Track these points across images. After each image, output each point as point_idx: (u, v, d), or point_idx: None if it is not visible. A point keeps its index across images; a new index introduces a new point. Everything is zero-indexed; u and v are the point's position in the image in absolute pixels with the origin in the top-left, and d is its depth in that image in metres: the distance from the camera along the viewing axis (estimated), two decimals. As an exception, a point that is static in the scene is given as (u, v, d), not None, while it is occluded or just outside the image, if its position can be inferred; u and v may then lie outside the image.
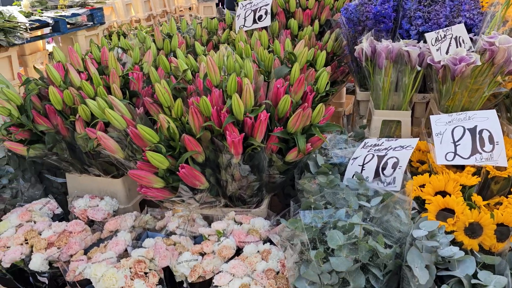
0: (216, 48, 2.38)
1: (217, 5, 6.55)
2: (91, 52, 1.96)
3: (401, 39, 1.86)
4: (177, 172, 1.35)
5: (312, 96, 1.59)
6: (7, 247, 1.40)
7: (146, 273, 1.25)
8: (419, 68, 1.74)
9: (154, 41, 2.28)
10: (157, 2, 5.18)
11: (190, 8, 6.07)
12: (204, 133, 1.39)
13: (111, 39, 3.94)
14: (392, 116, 1.84)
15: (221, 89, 1.48)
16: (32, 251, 1.39)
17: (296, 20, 2.48)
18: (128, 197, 1.81)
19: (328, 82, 1.70)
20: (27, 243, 1.41)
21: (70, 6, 3.92)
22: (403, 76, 1.81)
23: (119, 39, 2.29)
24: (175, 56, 1.98)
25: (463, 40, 1.70)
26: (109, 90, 1.68)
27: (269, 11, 2.35)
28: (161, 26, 3.58)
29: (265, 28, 2.42)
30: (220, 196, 1.56)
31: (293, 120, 1.42)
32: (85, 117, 1.57)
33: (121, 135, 1.49)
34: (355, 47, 1.96)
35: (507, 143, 1.57)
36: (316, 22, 2.47)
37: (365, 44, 1.86)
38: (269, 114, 1.41)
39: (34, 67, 1.86)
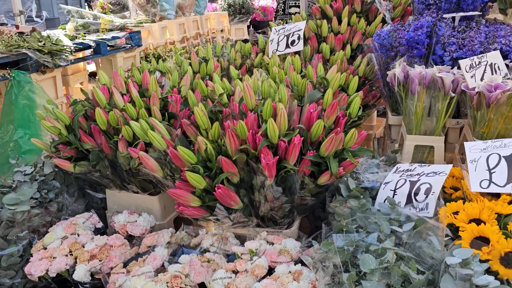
0: (249, 71, 2.46)
1: (248, 27, 6.73)
2: (132, 75, 2.07)
3: (434, 65, 1.88)
4: (214, 192, 1.41)
5: (345, 120, 1.62)
6: (54, 258, 1.48)
7: (182, 288, 1.30)
8: (453, 94, 1.75)
9: (190, 64, 2.38)
10: (190, 24, 5.37)
11: (222, 30, 6.24)
12: (240, 155, 1.44)
13: (147, 60, 4.11)
14: (425, 142, 1.84)
15: (256, 113, 1.54)
16: (76, 262, 1.47)
17: (328, 44, 2.53)
18: (163, 214, 1.88)
19: (360, 107, 1.74)
20: (72, 254, 1.49)
21: (111, 30, 4.14)
22: (436, 101, 1.82)
23: (157, 61, 2.40)
24: (211, 80, 2.07)
25: (498, 67, 1.70)
26: (149, 111, 1.77)
27: (301, 36, 2.41)
28: (194, 47, 3.71)
29: (298, 52, 2.48)
30: (253, 216, 1.60)
31: (326, 144, 1.46)
32: (127, 137, 1.66)
33: (161, 155, 1.56)
34: (387, 72, 1.98)
35: (544, 171, 1.54)
36: (348, 46, 2.51)
37: (397, 69, 1.88)
38: (302, 138, 1.45)
39: (81, 90, 1.98)
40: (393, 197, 1.52)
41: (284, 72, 2.09)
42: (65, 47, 2.98)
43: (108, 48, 3.69)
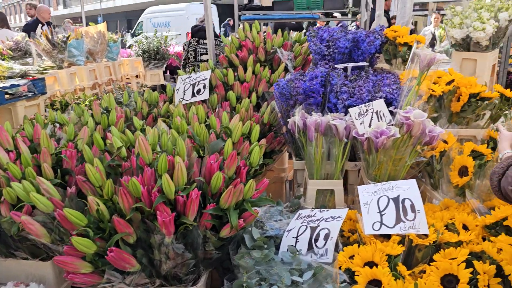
0: (156, 121, 2.42)
1: (165, 72, 6.71)
2: (23, 129, 1.92)
3: (329, 112, 1.99)
4: (105, 256, 1.31)
5: (246, 170, 1.63)
6: None
7: None
8: (346, 140, 1.85)
9: (92, 115, 2.28)
10: (102, 70, 5.22)
11: (137, 76, 6.15)
12: (134, 214, 1.37)
13: (53, 108, 3.87)
14: (325, 186, 1.91)
15: (153, 168, 1.49)
16: None
17: (234, 92, 2.59)
18: (58, 281, 1.71)
19: (262, 156, 1.76)
20: None
21: (10, 77, 3.87)
22: (333, 147, 1.91)
23: (62, 109, 2.26)
24: (113, 131, 1.99)
25: (383, 114, 1.84)
26: (40, 168, 1.64)
27: (207, 85, 2.44)
28: (107, 93, 3.60)
29: (204, 101, 2.50)
30: (155, 276, 1.51)
31: (225, 197, 1.45)
32: (10, 200, 1.51)
33: (48, 218, 1.44)
34: (288, 119, 2.06)
35: (429, 209, 1.67)
36: (254, 94, 2.59)
37: (297, 117, 1.96)
38: (200, 192, 1.42)
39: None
40: (295, 244, 1.53)
41: (188, 122, 2.08)
42: (-49, 98, 2.70)
43: (6, 96, 3.43)
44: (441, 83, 2.09)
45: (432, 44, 8.15)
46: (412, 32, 2.84)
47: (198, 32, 5.21)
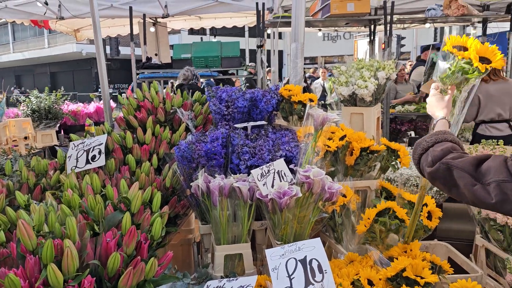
0: (45, 193, 2.18)
1: (58, 132, 6.25)
2: None
3: (232, 174, 1.97)
4: None
5: (147, 245, 1.51)
6: None
7: None
8: (250, 202, 1.83)
9: (-36, 192, 1.98)
10: (-17, 134, 4.69)
11: (25, 138, 5.63)
12: (13, 315, 1.17)
13: None
14: (233, 250, 1.85)
15: (37, 256, 1.30)
16: None
17: (134, 156, 2.46)
18: None
19: (164, 226, 1.66)
20: None
21: None
22: (238, 209, 1.88)
23: None
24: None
25: (284, 174, 1.87)
26: None
27: (103, 150, 2.29)
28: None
29: (101, 167, 2.33)
30: None
31: (124, 279, 1.31)
32: None
33: None
34: (191, 183, 1.99)
35: (336, 266, 1.69)
36: (155, 156, 2.49)
37: (200, 181, 1.91)
38: (95, 278, 1.27)
39: None
40: (205, 322, 1.43)
41: (82, 193, 1.91)
42: None
43: None
44: (335, 138, 2.22)
45: (323, 96, 8.85)
46: (305, 89, 3.03)
47: None
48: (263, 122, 2.36)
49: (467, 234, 2.80)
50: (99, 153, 2.29)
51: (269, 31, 8.11)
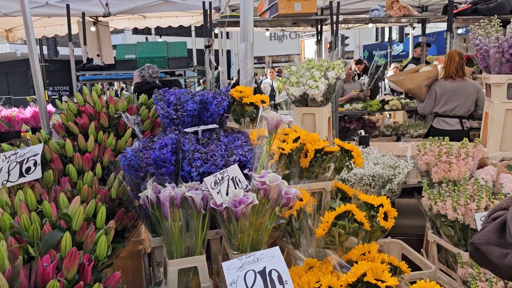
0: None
1: (-9, 140, 5.77)
2: None
3: (184, 182, 1.86)
4: None
5: (91, 266, 1.37)
6: None
7: None
8: (204, 212, 1.73)
9: None
10: None
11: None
12: None
13: None
14: (187, 264, 1.74)
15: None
16: None
17: (75, 165, 2.27)
18: None
19: (110, 244, 1.52)
20: None
21: None
22: (191, 219, 1.77)
23: None
24: None
25: (239, 180, 1.79)
26: None
27: (39, 161, 2.09)
28: None
29: (38, 180, 2.13)
30: None
31: (65, 310, 1.17)
32: None
33: None
34: (139, 194, 1.86)
35: (295, 275, 1.64)
36: (99, 165, 2.32)
37: (149, 191, 1.77)
38: (29, 311, 1.12)
39: None
40: None
41: (15, 211, 1.71)
42: None
43: None
44: (289, 140, 2.17)
45: (272, 95, 8.87)
46: (256, 90, 2.96)
47: None
48: (215, 126, 2.26)
49: (417, 229, 2.87)
50: (34, 164, 2.08)
51: (216, 30, 8.00)
